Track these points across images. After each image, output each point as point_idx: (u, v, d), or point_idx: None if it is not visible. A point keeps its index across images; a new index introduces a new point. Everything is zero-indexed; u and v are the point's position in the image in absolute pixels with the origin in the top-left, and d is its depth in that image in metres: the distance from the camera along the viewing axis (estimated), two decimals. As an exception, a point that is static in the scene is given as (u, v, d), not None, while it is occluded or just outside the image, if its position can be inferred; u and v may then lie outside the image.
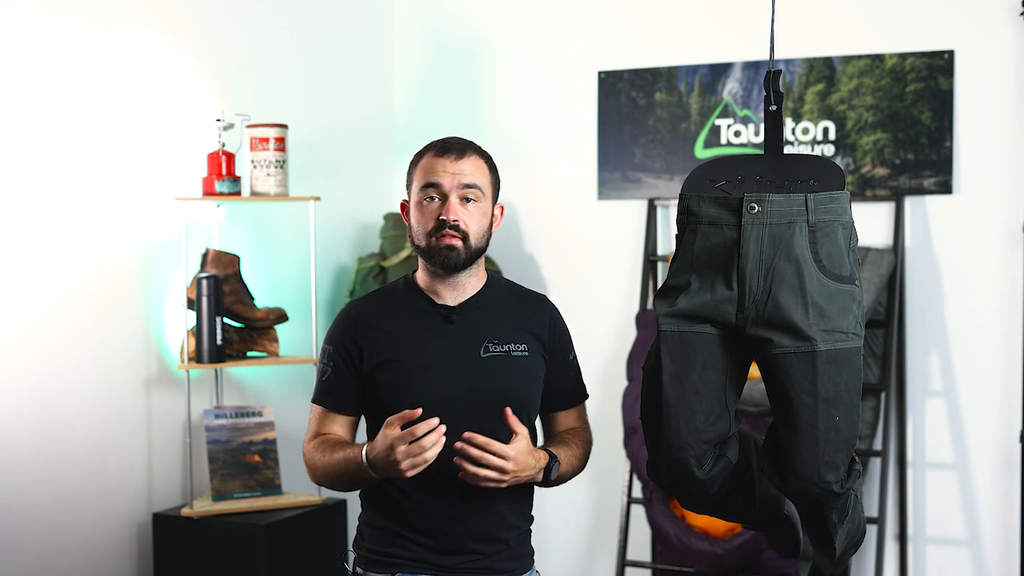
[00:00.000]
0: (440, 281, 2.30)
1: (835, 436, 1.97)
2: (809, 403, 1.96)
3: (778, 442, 2.03)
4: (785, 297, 1.97)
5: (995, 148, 3.79)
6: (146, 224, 3.55)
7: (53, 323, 3.29)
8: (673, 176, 4.16)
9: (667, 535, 3.85)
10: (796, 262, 1.97)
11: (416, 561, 2.26)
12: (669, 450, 2.05)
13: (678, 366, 2.02)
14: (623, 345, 4.23)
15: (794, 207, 1.98)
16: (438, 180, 2.25)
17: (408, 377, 2.26)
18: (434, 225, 2.25)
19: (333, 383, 2.32)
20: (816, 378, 1.95)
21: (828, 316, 1.96)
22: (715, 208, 2.01)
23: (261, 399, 3.90)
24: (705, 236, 2.02)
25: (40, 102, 3.26)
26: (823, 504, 2.02)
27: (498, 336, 2.30)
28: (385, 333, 2.29)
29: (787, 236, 1.97)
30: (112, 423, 3.47)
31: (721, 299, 2.00)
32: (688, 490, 2.10)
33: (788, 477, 2.01)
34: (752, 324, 1.99)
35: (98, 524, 3.45)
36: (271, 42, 4.03)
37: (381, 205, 4.43)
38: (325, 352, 2.34)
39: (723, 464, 2.08)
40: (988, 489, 3.83)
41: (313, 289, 3.76)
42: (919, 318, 3.89)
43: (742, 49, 4.08)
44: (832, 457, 1.98)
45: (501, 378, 2.29)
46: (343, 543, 3.75)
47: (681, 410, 2.03)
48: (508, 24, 4.43)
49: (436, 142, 2.32)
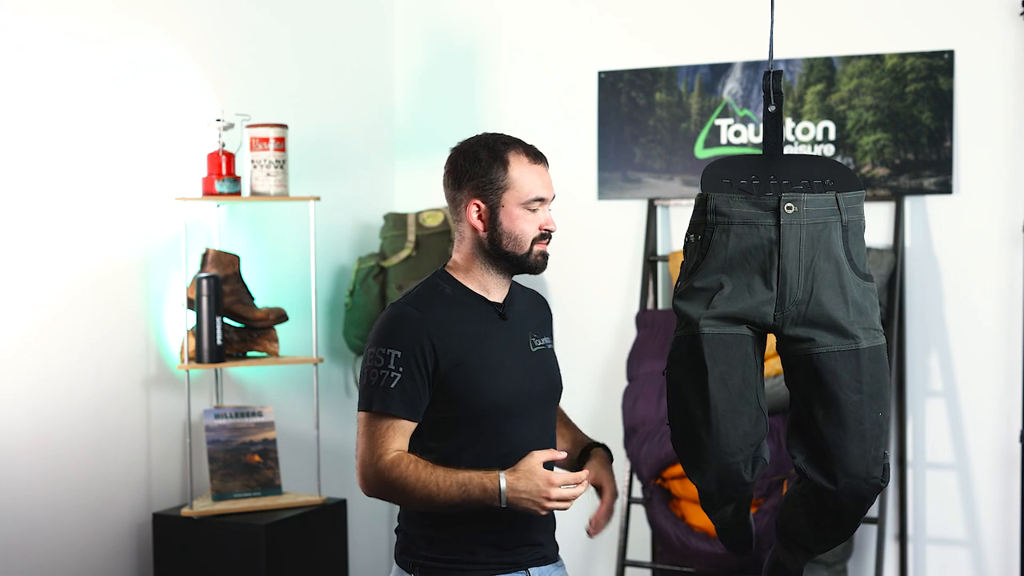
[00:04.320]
0: (497, 280, 2.31)
1: (878, 432, 2.01)
2: (856, 400, 1.98)
3: (823, 442, 2.02)
4: (828, 296, 1.98)
5: (995, 148, 3.79)
6: (146, 224, 3.55)
7: (53, 323, 3.29)
8: (673, 176, 4.16)
9: (667, 535, 3.84)
10: (836, 261, 1.99)
11: (483, 564, 2.27)
12: (720, 455, 2.02)
13: (722, 369, 2.01)
14: (623, 345, 4.22)
15: (827, 207, 1.99)
16: (546, 194, 2.29)
17: (482, 376, 2.24)
18: (539, 234, 2.29)
19: (406, 388, 2.19)
20: (861, 375, 1.98)
21: (865, 314, 2.00)
22: (748, 207, 1.99)
23: (261, 399, 3.90)
24: (739, 237, 2.00)
25: (40, 102, 3.26)
26: (868, 500, 2.04)
27: (535, 330, 2.37)
28: (454, 333, 2.24)
29: (824, 236, 1.99)
30: (112, 423, 3.47)
31: (762, 300, 2.00)
32: (735, 495, 2.10)
33: (837, 476, 2.01)
34: (791, 324, 1.99)
35: (98, 524, 3.44)
36: (271, 42, 4.03)
37: (381, 205, 4.43)
38: (389, 357, 2.20)
39: (761, 465, 2.08)
40: (988, 489, 3.83)
41: (313, 289, 3.76)
42: (919, 318, 3.89)
43: (742, 49, 4.08)
44: (878, 452, 2.02)
45: (550, 370, 2.38)
46: (343, 543, 3.75)
47: (730, 414, 2.02)
48: (508, 24, 4.43)
49: (517, 143, 2.31)
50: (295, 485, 3.78)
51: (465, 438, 2.25)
